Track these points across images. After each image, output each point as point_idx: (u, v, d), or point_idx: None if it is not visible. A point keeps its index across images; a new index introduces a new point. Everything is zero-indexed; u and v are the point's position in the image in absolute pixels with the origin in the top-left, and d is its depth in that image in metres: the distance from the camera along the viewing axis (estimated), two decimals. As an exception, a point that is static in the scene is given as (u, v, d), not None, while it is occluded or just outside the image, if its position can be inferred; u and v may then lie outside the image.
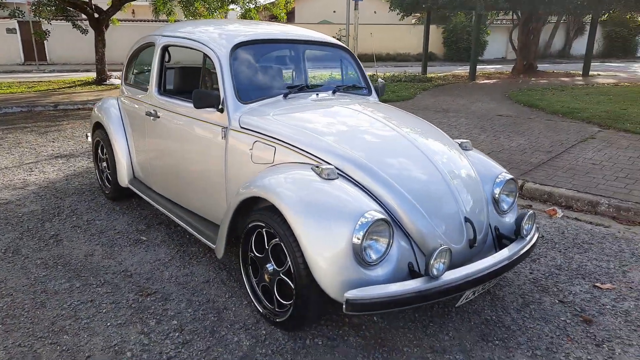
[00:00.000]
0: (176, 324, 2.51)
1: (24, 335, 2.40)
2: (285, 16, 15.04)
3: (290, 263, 2.27)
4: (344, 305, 2.03)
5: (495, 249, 2.61)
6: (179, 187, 3.43)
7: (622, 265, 3.20)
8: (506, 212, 2.80)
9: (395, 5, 15.78)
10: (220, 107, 2.93)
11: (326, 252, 2.12)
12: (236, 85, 2.98)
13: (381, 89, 3.79)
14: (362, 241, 2.10)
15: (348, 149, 2.52)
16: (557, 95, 10.44)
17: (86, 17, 13.13)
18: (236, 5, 14.46)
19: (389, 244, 2.19)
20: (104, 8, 13.20)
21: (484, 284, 2.30)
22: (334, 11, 30.11)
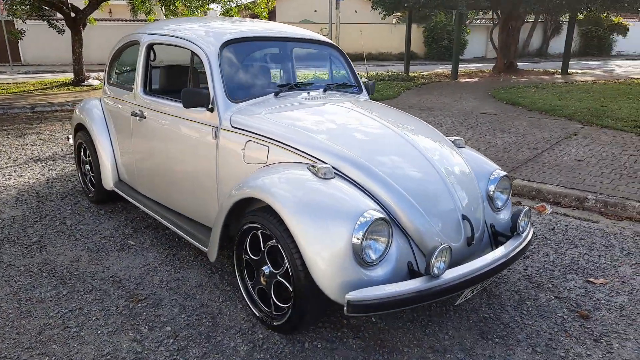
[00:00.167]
0: (170, 330, 2.44)
1: (10, 346, 2.30)
2: (266, 15, 14.93)
3: (287, 265, 2.22)
4: (345, 307, 1.99)
5: (492, 246, 2.60)
6: (167, 189, 3.34)
7: (613, 260, 3.23)
8: (500, 209, 2.79)
9: (377, 4, 15.81)
10: (210, 107, 2.86)
11: (325, 253, 2.07)
12: (226, 84, 2.91)
13: (371, 87, 3.77)
14: (362, 241, 2.06)
15: (343, 147, 2.48)
16: (539, 93, 10.59)
17: (62, 17, 12.82)
18: (217, 4, 14.31)
19: (388, 243, 2.15)
20: (80, 7, 12.90)
21: (484, 281, 2.28)
22: (315, 10, 30.06)
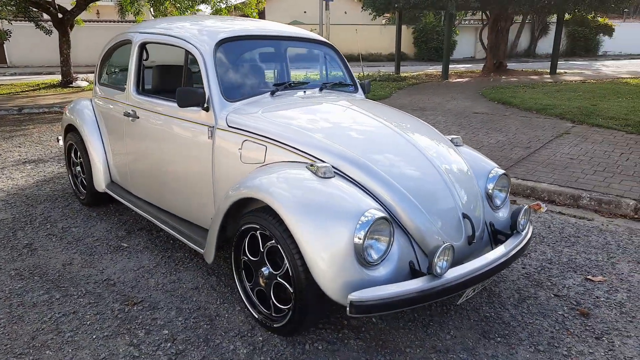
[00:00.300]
0: (167, 333, 2.39)
1: (2, 353, 2.23)
2: (256, 16, 14.88)
3: (288, 266, 2.18)
4: (347, 308, 1.96)
5: (491, 245, 2.58)
6: (162, 191, 3.29)
7: (610, 258, 3.23)
8: (499, 208, 2.78)
9: (367, 5, 15.82)
10: (206, 106, 2.82)
11: (326, 253, 2.04)
12: (221, 82, 2.87)
13: (367, 87, 3.74)
14: (364, 241, 2.03)
15: (343, 146, 2.45)
16: (529, 92, 10.65)
17: (49, 18, 12.64)
18: (207, 5, 14.21)
19: (390, 242, 2.12)
20: (68, 8, 12.73)
21: (486, 280, 2.27)
22: (305, 11, 30.08)
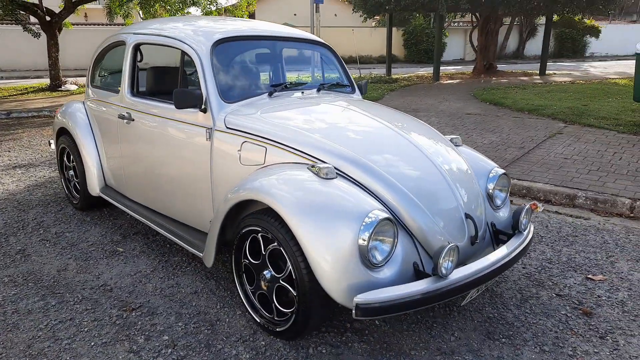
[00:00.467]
0: (167, 339, 2.34)
1: (-3, 362, 2.17)
2: (247, 18, 14.84)
3: (291, 268, 2.15)
4: (353, 311, 1.93)
5: (493, 245, 2.57)
6: (158, 194, 3.23)
7: (609, 256, 3.24)
8: (500, 208, 2.77)
9: (358, 7, 15.84)
10: (203, 107, 2.78)
11: (330, 256, 2.01)
12: (218, 83, 2.83)
13: (364, 87, 3.73)
14: (368, 242, 2.00)
15: (343, 146, 2.43)
16: (520, 93, 10.72)
17: (37, 20, 12.49)
18: (197, 7, 14.14)
19: (394, 243, 2.10)
20: (55, 11, 12.59)
21: (490, 281, 2.25)
22: (295, 14, 30.05)
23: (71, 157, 4.03)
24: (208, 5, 14.31)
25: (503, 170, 2.83)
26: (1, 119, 9.18)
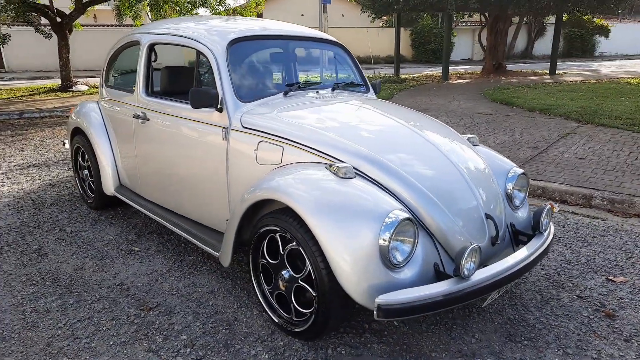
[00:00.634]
0: (186, 339, 2.33)
1: (18, 361, 2.18)
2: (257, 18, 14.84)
3: (310, 268, 2.13)
4: (375, 312, 1.91)
5: (513, 246, 2.54)
6: (173, 193, 3.23)
7: (629, 258, 3.19)
8: (518, 208, 2.74)
9: (367, 7, 15.80)
10: (219, 107, 2.77)
11: (351, 256, 1.99)
12: (234, 83, 2.83)
13: (378, 87, 3.70)
14: (389, 243, 1.98)
15: (361, 145, 2.41)
16: (531, 92, 10.64)
17: (48, 22, 12.57)
18: (206, 8, 14.18)
19: (415, 244, 2.08)
20: (66, 12, 12.67)
21: (512, 282, 2.22)
22: (302, 14, 30.05)
23: (86, 157, 4.05)
24: (217, 6, 14.34)
25: (522, 170, 2.80)
26: (14, 119, 9.26)
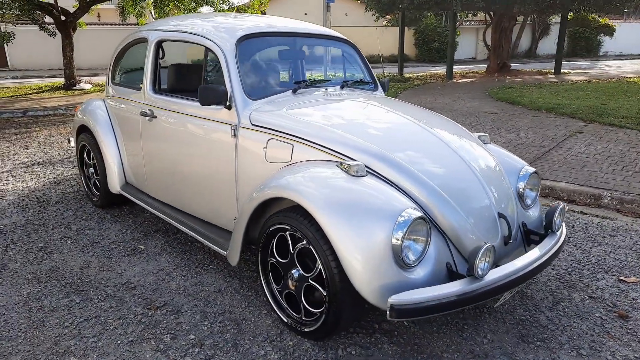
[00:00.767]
0: (194, 338, 2.31)
1: (25, 359, 2.15)
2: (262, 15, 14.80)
3: (321, 267, 2.10)
4: (388, 312, 1.88)
5: (524, 245, 2.51)
6: (180, 191, 3.21)
7: (640, 258, 3.16)
8: (530, 207, 2.70)
9: (371, 5, 15.76)
10: (228, 104, 2.74)
11: (363, 255, 1.96)
12: (243, 80, 2.80)
13: (386, 85, 3.68)
14: (402, 242, 1.95)
15: (372, 143, 2.38)
16: (536, 92, 10.59)
17: (52, 20, 12.57)
18: (210, 6, 14.15)
19: (427, 243, 2.05)
20: (70, 10, 12.66)
21: (525, 282, 2.19)
22: (305, 13, 30.02)
23: (91, 155, 4.03)
24: (221, 5, 14.32)
25: (534, 169, 2.77)
26: (18, 117, 9.25)
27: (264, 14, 18.13)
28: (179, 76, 3.43)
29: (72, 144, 4.44)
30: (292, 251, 2.28)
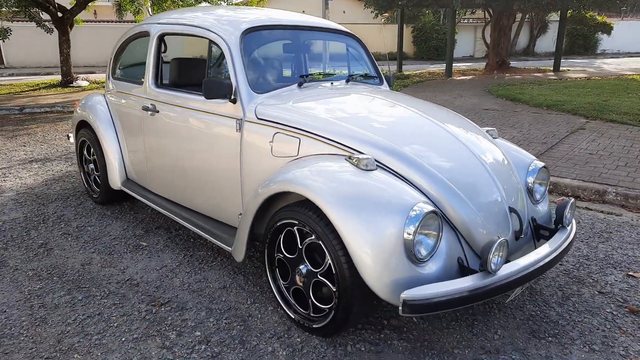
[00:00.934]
0: (200, 335, 2.26)
1: (27, 357, 2.10)
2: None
3: (331, 263, 2.06)
4: (400, 308, 1.84)
5: (534, 240, 2.48)
6: (184, 187, 3.16)
7: (648, 253, 3.13)
8: (539, 202, 2.67)
9: (370, 3, 15.70)
10: (233, 98, 2.70)
11: (374, 250, 1.92)
12: (248, 73, 2.75)
13: (391, 79, 3.64)
14: (414, 236, 1.91)
15: (381, 137, 2.34)
16: (536, 89, 10.57)
17: (49, 17, 12.47)
18: (209, 4, 14.06)
19: (439, 237, 2.01)
20: (67, 7, 12.55)
21: (537, 277, 2.16)
22: (303, 11, 29.90)
23: (91, 151, 3.97)
24: (219, 2, 14.24)
25: (543, 164, 2.73)
26: (14, 114, 9.17)
27: (262, 11, 18.01)
28: (181, 70, 3.38)
29: (72, 139, 4.38)
30: (300, 246, 2.24)
